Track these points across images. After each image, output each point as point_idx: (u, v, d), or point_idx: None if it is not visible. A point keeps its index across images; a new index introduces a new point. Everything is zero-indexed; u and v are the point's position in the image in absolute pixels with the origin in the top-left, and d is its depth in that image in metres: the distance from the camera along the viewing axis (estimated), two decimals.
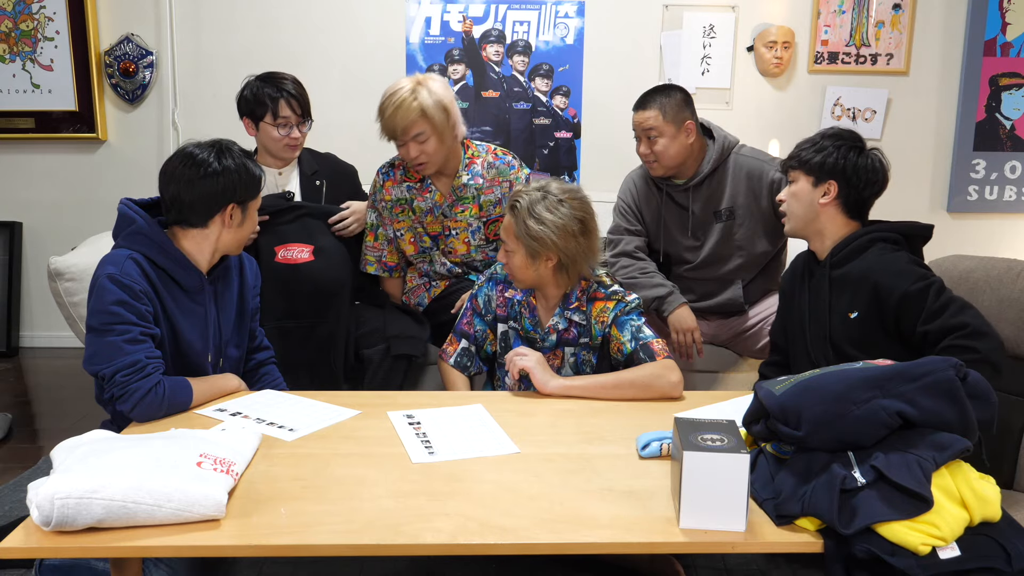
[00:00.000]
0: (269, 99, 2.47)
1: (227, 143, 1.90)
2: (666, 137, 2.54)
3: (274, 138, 2.51)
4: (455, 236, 2.58)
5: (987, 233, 3.96)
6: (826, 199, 1.96)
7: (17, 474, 2.63)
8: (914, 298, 1.80)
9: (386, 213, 2.58)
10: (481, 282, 2.22)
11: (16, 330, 4.03)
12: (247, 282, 2.06)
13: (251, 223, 1.94)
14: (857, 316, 1.89)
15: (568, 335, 2.10)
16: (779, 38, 3.76)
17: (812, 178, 1.98)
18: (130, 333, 1.72)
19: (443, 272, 2.64)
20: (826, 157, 1.96)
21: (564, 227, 1.98)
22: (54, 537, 1.24)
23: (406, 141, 2.40)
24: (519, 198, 2.02)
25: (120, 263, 1.76)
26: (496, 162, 2.58)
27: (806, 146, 2.00)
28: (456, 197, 2.54)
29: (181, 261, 1.84)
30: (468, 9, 3.78)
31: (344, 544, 1.27)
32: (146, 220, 1.83)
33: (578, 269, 2.05)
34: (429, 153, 2.41)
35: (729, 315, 2.76)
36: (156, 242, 1.82)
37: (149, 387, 1.70)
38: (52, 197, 3.96)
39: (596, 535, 1.29)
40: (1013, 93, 3.85)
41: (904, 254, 1.90)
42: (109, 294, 1.72)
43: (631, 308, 2.07)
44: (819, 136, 2.01)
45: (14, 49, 3.84)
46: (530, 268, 2.03)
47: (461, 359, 2.19)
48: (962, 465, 1.33)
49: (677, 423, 1.37)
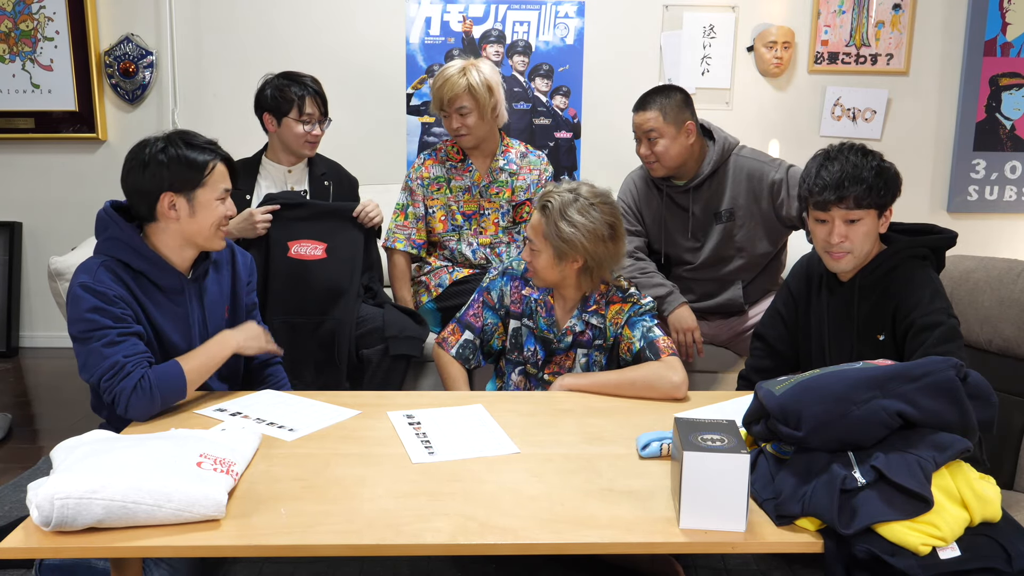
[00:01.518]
0: (296, 96, 2.55)
1: (178, 134, 1.85)
2: (666, 138, 2.53)
3: (298, 134, 2.58)
4: (487, 216, 2.76)
5: (987, 233, 3.96)
6: (884, 227, 1.89)
7: (17, 474, 2.63)
8: (917, 331, 1.79)
9: (421, 191, 2.77)
10: (494, 275, 2.19)
11: (16, 330, 4.03)
12: (240, 278, 2.04)
13: (211, 213, 1.85)
14: (885, 339, 1.88)
15: (584, 337, 2.10)
16: (779, 38, 3.76)
17: (876, 211, 1.86)
18: (107, 337, 1.71)
19: (468, 254, 2.76)
20: (888, 187, 1.84)
21: (595, 231, 1.98)
22: (54, 537, 1.24)
23: (450, 112, 2.64)
24: (550, 199, 2.01)
25: (92, 271, 1.76)
26: (528, 153, 2.84)
27: (867, 177, 1.81)
28: (493, 178, 2.76)
29: (157, 262, 1.83)
30: (468, 9, 3.78)
31: (344, 544, 1.27)
32: (120, 224, 1.81)
33: (602, 273, 2.05)
34: (470, 126, 2.65)
35: (729, 315, 2.76)
36: (130, 246, 1.81)
37: (133, 384, 1.69)
38: (52, 197, 3.96)
39: (596, 535, 1.29)
40: (1013, 93, 3.85)
41: (933, 283, 1.85)
42: (83, 302, 1.72)
43: (645, 310, 2.08)
44: (867, 160, 1.84)
45: (14, 49, 3.84)
46: (555, 269, 2.02)
47: (463, 351, 2.17)
48: (962, 465, 1.33)
49: (677, 423, 1.37)
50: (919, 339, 1.79)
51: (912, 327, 1.81)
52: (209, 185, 1.84)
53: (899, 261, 1.88)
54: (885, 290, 1.88)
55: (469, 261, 2.79)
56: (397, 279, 2.79)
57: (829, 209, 1.84)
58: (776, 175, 2.59)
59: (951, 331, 1.78)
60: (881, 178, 1.84)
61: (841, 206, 1.83)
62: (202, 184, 1.83)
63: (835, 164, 1.84)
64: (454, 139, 2.74)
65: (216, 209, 1.86)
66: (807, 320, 2.06)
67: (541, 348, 2.13)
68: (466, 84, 2.60)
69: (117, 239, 1.81)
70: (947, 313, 1.81)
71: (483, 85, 2.61)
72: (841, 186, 1.81)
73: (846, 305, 1.94)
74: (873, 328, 1.90)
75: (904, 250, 1.89)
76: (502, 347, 2.20)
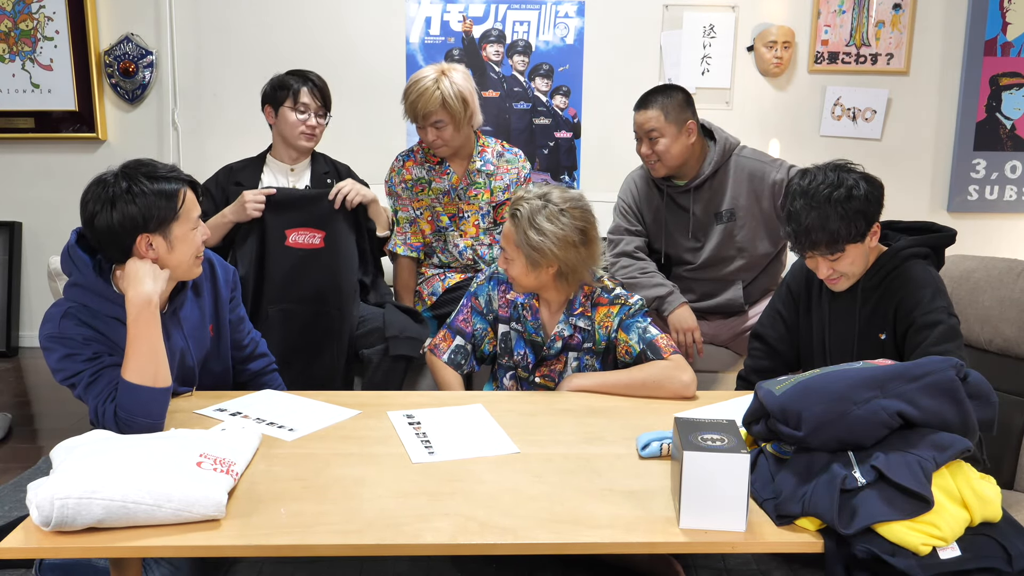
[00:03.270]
0: (293, 85, 2.55)
1: (135, 168, 1.71)
2: (667, 137, 2.53)
3: (291, 122, 2.57)
4: (467, 219, 2.74)
5: (987, 233, 3.96)
6: (874, 241, 1.89)
7: (17, 474, 2.63)
8: (918, 329, 1.80)
9: (406, 193, 2.74)
10: (481, 280, 2.19)
11: (16, 330, 4.03)
12: (221, 296, 1.96)
13: (188, 245, 1.74)
14: (886, 338, 1.88)
15: (573, 341, 2.09)
16: (779, 38, 3.76)
17: (860, 241, 1.84)
18: (83, 380, 1.66)
19: (455, 255, 2.75)
20: (865, 214, 1.81)
21: (564, 238, 1.95)
22: (54, 537, 1.24)
23: (426, 125, 2.61)
24: (520, 206, 1.99)
25: (56, 320, 1.69)
26: (505, 152, 2.79)
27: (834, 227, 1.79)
28: (470, 181, 2.72)
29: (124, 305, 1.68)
30: (468, 9, 3.78)
31: (344, 544, 1.27)
32: (82, 269, 1.72)
33: (578, 277, 2.04)
34: (446, 138, 2.61)
35: (729, 315, 2.76)
36: (97, 294, 1.71)
37: (114, 422, 1.60)
38: (52, 197, 3.96)
39: (596, 535, 1.29)
40: (1013, 93, 3.85)
41: (934, 282, 1.85)
42: (53, 353, 1.68)
43: (636, 310, 2.07)
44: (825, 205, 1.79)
45: (14, 49, 3.84)
46: (530, 275, 2.01)
47: (455, 356, 2.17)
48: (962, 465, 1.33)
49: (677, 423, 1.37)
50: (919, 337, 1.80)
51: (912, 325, 1.82)
52: (183, 217, 1.72)
53: (900, 262, 1.89)
54: (887, 289, 1.89)
55: (458, 262, 2.77)
56: (400, 286, 2.78)
57: (809, 254, 1.88)
58: (777, 175, 2.59)
59: (951, 330, 1.79)
60: (849, 217, 1.79)
61: (817, 252, 1.85)
62: (176, 218, 1.71)
63: (804, 213, 1.82)
64: (431, 150, 2.70)
65: (194, 239, 1.76)
66: (807, 320, 2.06)
67: (531, 352, 2.12)
68: (440, 98, 2.53)
69: (79, 287, 1.72)
70: (948, 312, 1.81)
71: (457, 98, 2.54)
72: (810, 239, 1.83)
73: (848, 306, 1.95)
74: (874, 327, 1.90)
75: (904, 250, 1.89)
76: (494, 351, 2.20)
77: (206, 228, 1.82)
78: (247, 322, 2.11)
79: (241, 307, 2.07)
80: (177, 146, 3.87)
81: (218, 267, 1.98)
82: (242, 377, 2.10)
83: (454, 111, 2.55)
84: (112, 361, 1.68)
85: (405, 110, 2.64)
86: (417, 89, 2.57)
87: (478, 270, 2.76)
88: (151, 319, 1.64)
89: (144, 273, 1.66)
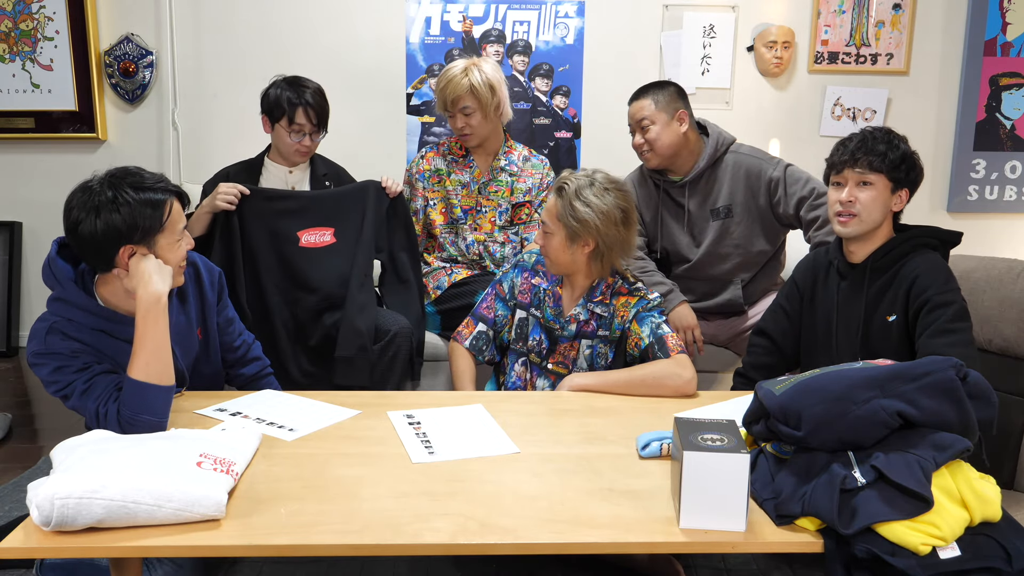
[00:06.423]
0: (288, 104, 2.52)
1: (122, 177, 1.66)
2: (659, 124, 2.55)
3: (286, 143, 2.58)
4: (483, 214, 2.81)
5: (987, 233, 3.96)
6: (897, 206, 1.95)
7: (17, 474, 2.63)
8: (931, 308, 1.82)
9: (420, 183, 2.82)
10: (507, 268, 2.24)
11: (16, 330, 4.03)
12: (208, 300, 1.95)
13: (173, 255, 1.71)
14: (895, 319, 1.90)
15: (588, 327, 2.11)
16: (779, 38, 3.76)
17: (892, 184, 1.92)
18: (76, 389, 1.65)
19: (463, 248, 2.79)
20: (906, 165, 1.92)
21: (608, 213, 2.02)
22: (54, 537, 1.24)
23: (454, 112, 2.71)
24: (567, 182, 2.06)
25: (41, 338, 1.67)
26: (531, 157, 2.89)
27: (881, 148, 1.90)
28: (492, 176, 2.81)
29: (112, 317, 1.71)
30: (468, 9, 3.78)
31: (344, 544, 1.27)
32: (64, 283, 1.69)
33: (612, 259, 2.08)
34: (473, 126, 2.72)
35: (729, 315, 2.76)
36: (80, 307, 1.69)
37: (116, 422, 1.60)
38: (52, 197, 3.91)
39: (596, 535, 1.29)
40: (1013, 93, 3.85)
41: (947, 268, 1.90)
42: (43, 368, 1.67)
43: (653, 306, 2.10)
44: (888, 137, 1.92)
45: (14, 49, 3.84)
46: (567, 251, 2.05)
47: (477, 342, 2.21)
48: (962, 465, 1.33)
49: (677, 423, 1.37)
50: (933, 315, 1.82)
51: (927, 303, 1.84)
52: (168, 228, 1.69)
53: (911, 248, 1.92)
54: (898, 271, 1.91)
55: (464, 256, 2.81)
56: None
57: (843, 171, 1.93)
58: (774, 172, 2.59)
59: (964, 311, 1.83)
60: (897, 151, 1.90)
61: (855, 168, 1.91)
62: (162, 230, 1.67)
63: (860, 134, 1.95)
64: (459, 138, 2.79)
65: (178, 250, 1.73)
66: (812, 309, 2.08)
67: (546, 337, 2.14)
68: (468, 84, 2.65)
69: (62, 301, 1.70)
70: (960, 296, 1.85)
71: (485, 85, 2.67)
72: (857, 149, 1.92)
73: (857, 286, 1.97)
74: (883, 310, 1.92)
75: (917, 237, 1.94)
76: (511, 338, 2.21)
77: (191, 239, 1.79)
78: (237, 323, 2.10)
79: (229, 309, 2.06)
80: (177, 146, 3.87)
81: (203, 270, 1.96)
82: (237, 382, 2.10)
83: (482, 98, 2.66)
84: (103, 368, 1.68)
85: (436, 101, 2.77)
86: (447, 76, 2.70)
87: (484, 267, 2.80)
88: (159, 316, 1.64)
89: (152, 271, 1.65)
